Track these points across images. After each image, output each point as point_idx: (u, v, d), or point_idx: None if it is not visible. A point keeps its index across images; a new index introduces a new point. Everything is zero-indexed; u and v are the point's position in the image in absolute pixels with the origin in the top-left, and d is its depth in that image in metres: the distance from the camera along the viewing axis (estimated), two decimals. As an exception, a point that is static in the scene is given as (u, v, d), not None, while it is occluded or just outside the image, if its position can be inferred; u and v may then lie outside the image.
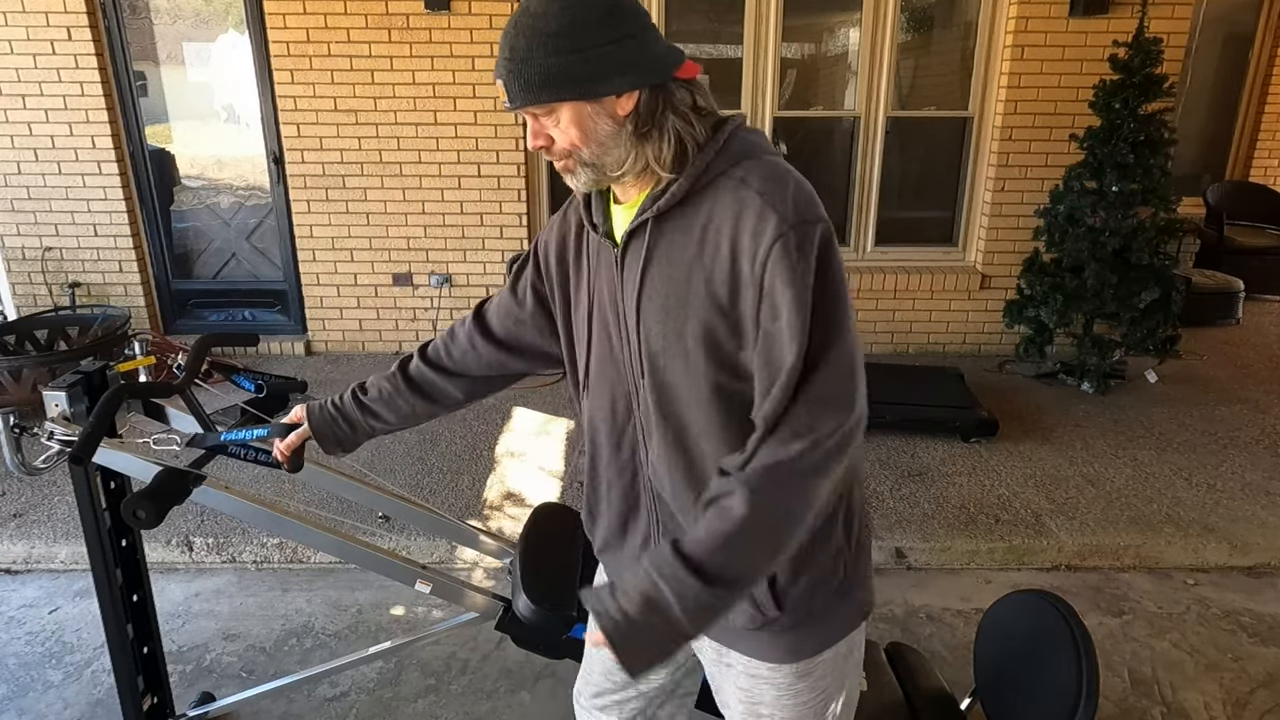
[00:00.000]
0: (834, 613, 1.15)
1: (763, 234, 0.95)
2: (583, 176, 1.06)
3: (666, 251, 1.05)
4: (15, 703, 2.30)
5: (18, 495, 3.21)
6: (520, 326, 1.34)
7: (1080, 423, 3.87)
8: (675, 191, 1.02)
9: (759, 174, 1.00)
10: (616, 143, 1.03)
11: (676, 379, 1.07)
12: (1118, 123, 3.88)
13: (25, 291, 4.71)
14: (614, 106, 1.01)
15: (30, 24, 4.25)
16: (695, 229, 1.02)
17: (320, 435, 1.42)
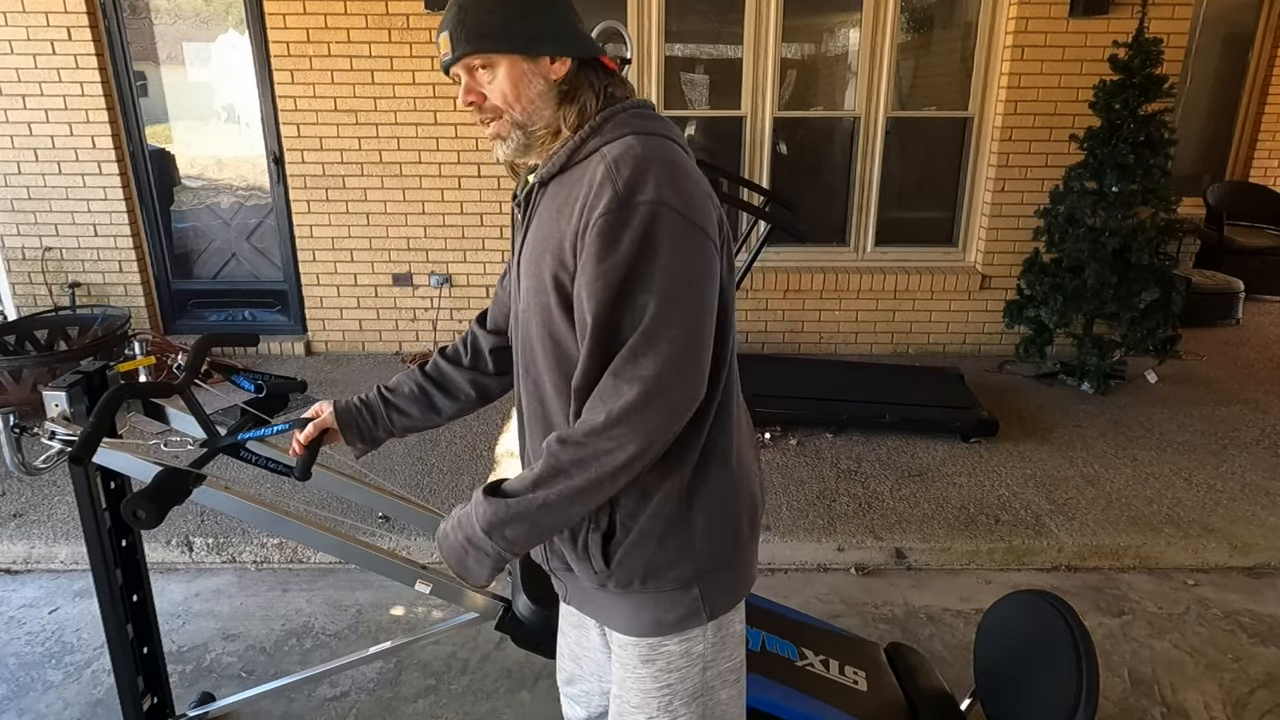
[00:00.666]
0: (669, 593, 1.14)
1: (596, 206, 1.00)
2: (511, 141, 1.12)
3: (543, 214, 1.11)
4: (15, 703, 2.30)
5: (18, 495, 3.21)
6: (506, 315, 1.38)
7: (1080, 423, 3.87)
8: (555, 160, 1.09)
9: (620, 149, 1.03)
10: (545, 104, 1.10)
11: (533, 335, 1.13)
12: (1118, 123, 3.88)
13: (25, 291, 4.71)
14: (547, 69, 1.09)
15: (30, 24, 4.25)
16: (564, 194, 1.08)
17: (343, 425, 1.45)
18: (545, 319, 1.09)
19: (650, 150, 1.03)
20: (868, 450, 3.58)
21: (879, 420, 3.70)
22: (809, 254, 4.79)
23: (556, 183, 1.11)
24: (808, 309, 4.75)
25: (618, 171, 1.00)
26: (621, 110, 1.10)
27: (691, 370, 1.00)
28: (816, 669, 1.79)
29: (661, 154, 1.03)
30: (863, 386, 3.98)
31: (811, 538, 2.94)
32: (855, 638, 2.01)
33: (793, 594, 2.74)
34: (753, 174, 4.66)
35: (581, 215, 1.02)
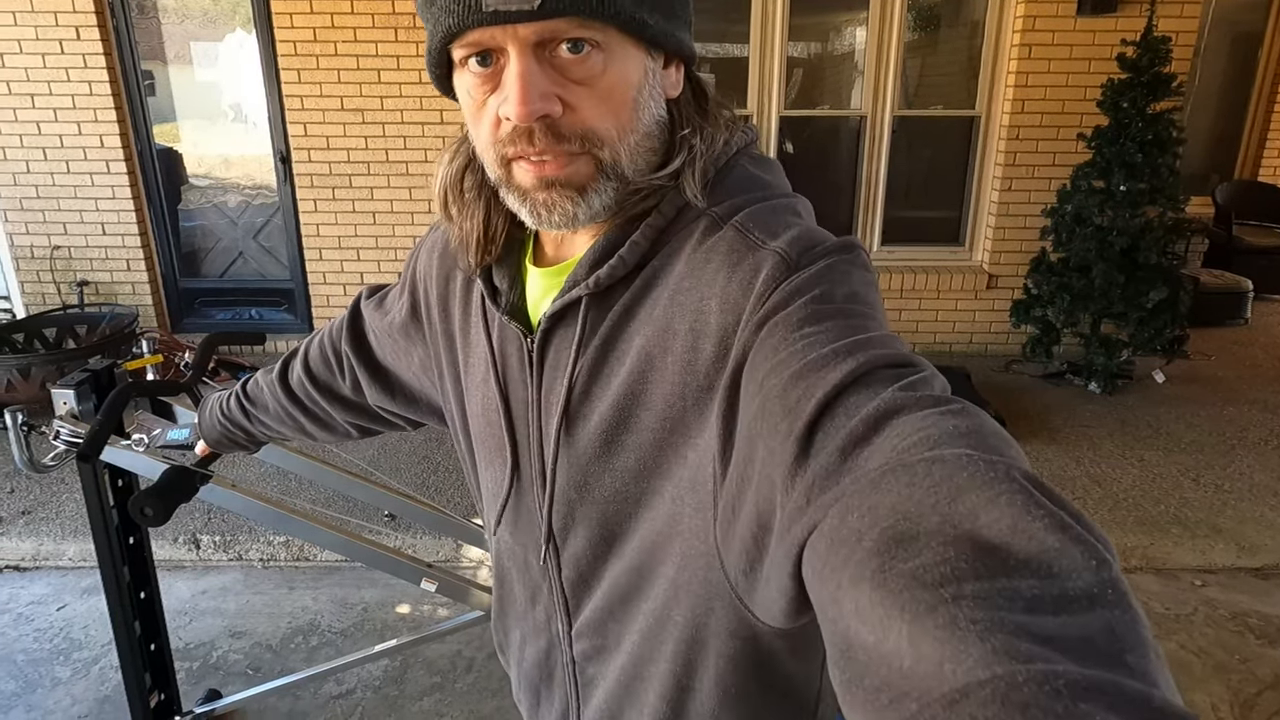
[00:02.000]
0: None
1: (752, 285, 0.59)
2: (595, 197, 0.62)
3: (613, 342, 0.66)
4: (24, 699, 2.31)
5: (26, 492, 3.22)
6: (406, 371, 0.95)
7: (1087, 423, 3.85)
8: (627, 253, 0.64)
9: (744, 212, 0.64)
10: (656, 142, 0.65)
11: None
12: (1126, 122, 3.86)
13: (34, 290, 4.73)
14: (665, 78, 0.65)
15: (39, 23, 4.27)
16: (653, 298, 0.64)
17: (214, 443, 1.23)
18: (675, 512, 0.64)
19: (788, 204, 0.67)
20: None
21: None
22: (815, 253, 4.77)
23: (626, 287, 0.66)
24: (813, 308, 4.73)
25: (755, 233, 0.61)
26: (741, 153, 0.68)
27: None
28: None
29: (804, 209, 0.68)
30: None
31: (817, 537, 2.94)
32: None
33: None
34: (759, 173, 4.64)
35: (722, 323, 0.60)
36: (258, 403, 1.12)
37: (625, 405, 0.65)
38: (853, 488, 0.43)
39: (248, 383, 1.14)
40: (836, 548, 0.41)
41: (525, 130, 0.59)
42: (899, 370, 0.52)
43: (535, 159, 0.60)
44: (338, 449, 3.17)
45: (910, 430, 0.44)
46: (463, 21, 0.56)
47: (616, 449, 0.66)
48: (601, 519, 0.69)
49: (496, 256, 0.73)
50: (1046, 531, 0.36)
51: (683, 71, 0.67)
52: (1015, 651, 0.31)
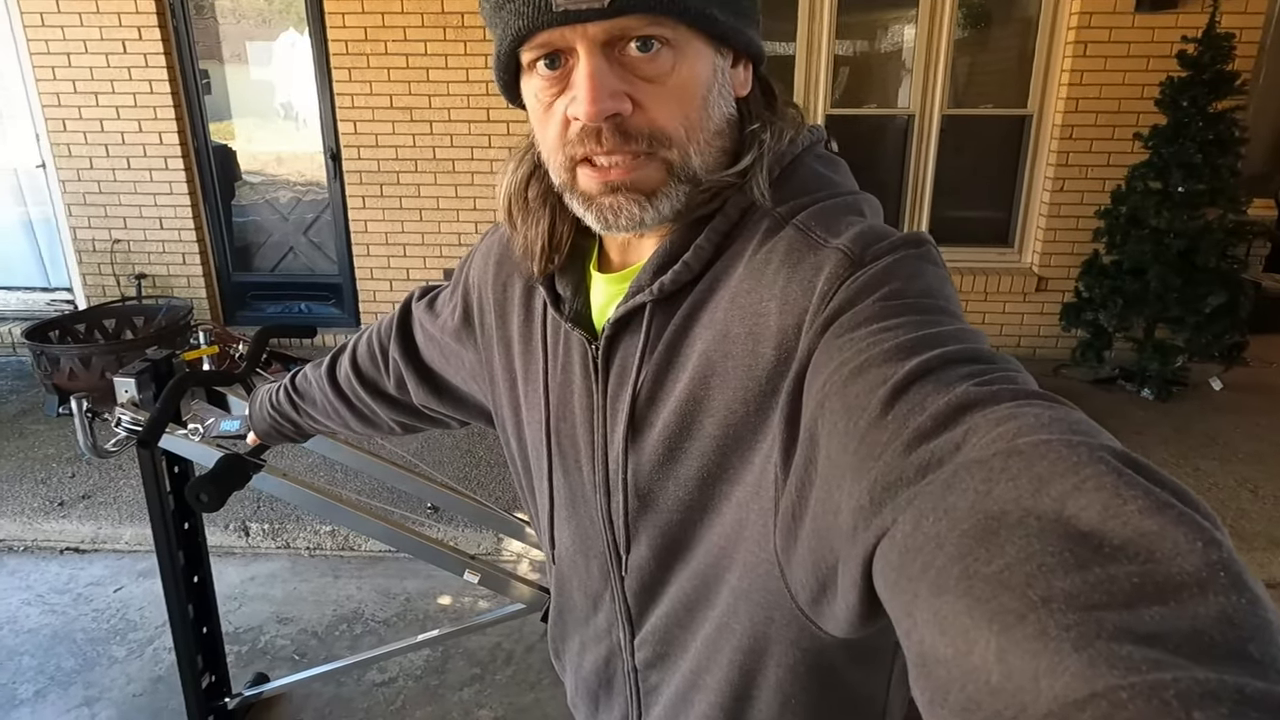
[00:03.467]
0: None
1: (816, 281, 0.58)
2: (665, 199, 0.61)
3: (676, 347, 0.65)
4: (83, 676, 2.40)
5: (86, 477, 3.34)
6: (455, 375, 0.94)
7: (1139, 430, 3.75)
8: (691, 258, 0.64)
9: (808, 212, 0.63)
10: (726, 141, 0.64)
11: (692, 565, 0.69)
12: (1185, 121, 3.75)
13: (95, 282, 4.90)
14: (734, 77, 0.64)
15: (104, 24, 4.41)
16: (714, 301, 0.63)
17: (263, 434, 1.28)
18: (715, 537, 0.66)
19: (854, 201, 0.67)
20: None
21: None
22: (859, 253, 4.72)
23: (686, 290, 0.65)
24: (857, 309, 4.69)
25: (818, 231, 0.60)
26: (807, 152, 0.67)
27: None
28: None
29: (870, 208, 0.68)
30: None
31: (857, 540, 2.91)
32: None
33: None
34: (803, 172, 4.61)
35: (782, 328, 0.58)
36: (306, 396, 1.13)
37: (688, 412, 0.63)
38: (925, 489, 0.39)
39: (296, 376, 1.16)
40: (912, 556, 0.37)
41: (594, 130, 0.58)
42: (975, 366, 0.48)
43: (602, 162, 0.60)
44: (383, 440, 3.23)
45: (985, 425, 0.41)
46: (533, 23, 0.55)
47: (680, 456, 0.65)
48: (666, 527, 0.68)
49: (560, 264, 0.72)
50: (1143, 514, 0.32)
51: (751, 70, 0.66)
52: (1116, 659, 0.27)
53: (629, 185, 0.60)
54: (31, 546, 3.05)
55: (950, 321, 0.53)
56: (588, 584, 0.80)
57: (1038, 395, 0.45)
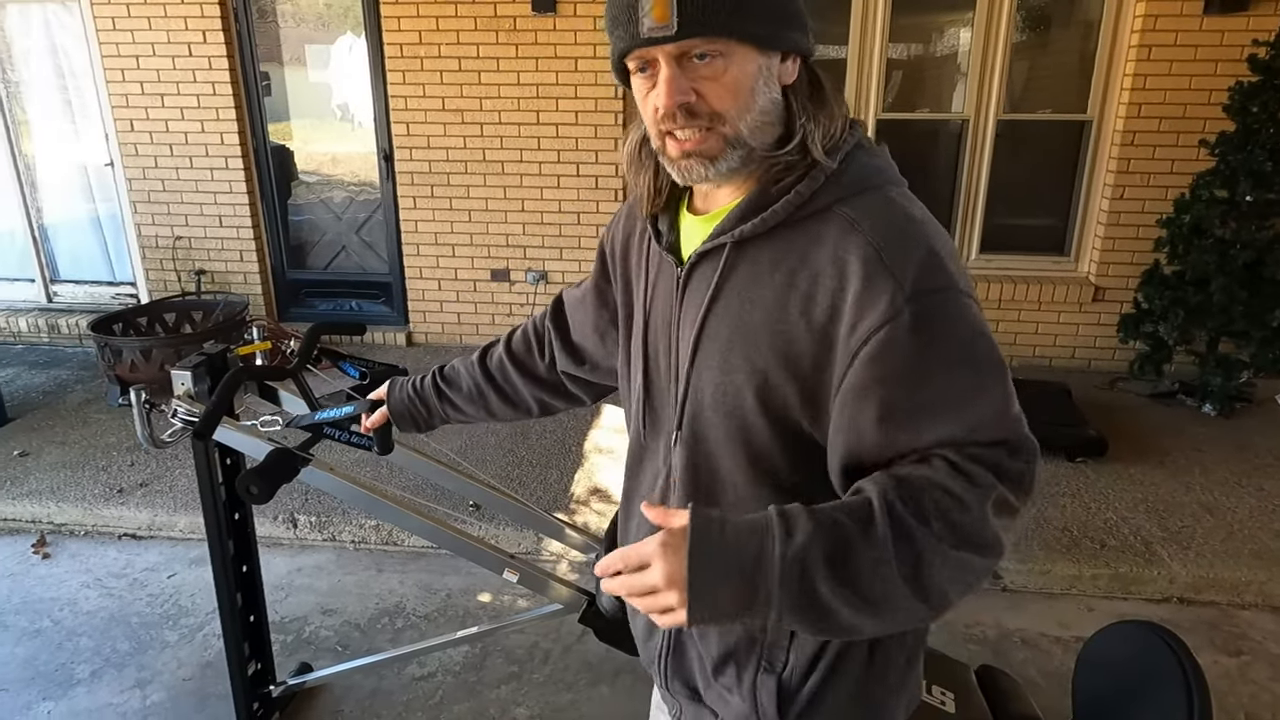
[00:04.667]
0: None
1: (866, 311, 0.76)
2: (724, 162, 0.83)
3: (743, 287, 0.86)
4: (136, 659, 2.47)
5: (144, 466, 3.45)
6: (590, 336, 1.21)
7: (1200, 446, 3.62)
8: (769, 216, 0.83)
9: (876, 218, 0.80)
10: (772, 118, 0.84)
11: (717, 445, 0.90)
12: (1255, 127, 3.62)
13: (157, 277, 5.06)
14: (778, 69, 0.84)
15: (171, 28, 4.56)
16: (783, 268, 0.83)
17: (397, 416, 1.40)
18: (739, 426, 0.87)
19: (913, 213, 0.82)
20: (964, 464, 3.45)
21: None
22: (909, 260, 4.65)
23: (761, 244, 0.85)
24: (905, 316, 4.61)
25: (892, 255, 0.77)
26: (856, 147, 0.85)
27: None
28: (902, 686, 1.74)
29: (926, 218, 0.83)
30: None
31: (901, 551, 2.86)
32: (943, 656, 1.94)
33: (879, 608, 2.67)
34: (853, 177, 4.55)
35: (834, 305, 0.79)
36: (452, 384, 1.35)
37: (741, 337, 0.85)
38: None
39: (444, 367, 1.38)
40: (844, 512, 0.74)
41: (670, 113, 0.82)
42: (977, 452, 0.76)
43: (679, 135, 0.84)
44: (427, 438, 3.27)
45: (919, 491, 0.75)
46: (630, 44, 0.81)
47: (731, 362, 0.86)
48: (715, 420, 0.89)
49: (660, 206, 0.97)
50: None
51: (798, 63, 0.85)
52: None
53: (698, 152, 0.84)
54: (91, 531, 3.16)
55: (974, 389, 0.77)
56: (654, 464, 1.00)
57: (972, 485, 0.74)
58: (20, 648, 2.52)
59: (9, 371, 4.53)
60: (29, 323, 5.07)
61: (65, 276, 5.33)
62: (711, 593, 0.70)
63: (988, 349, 0.77)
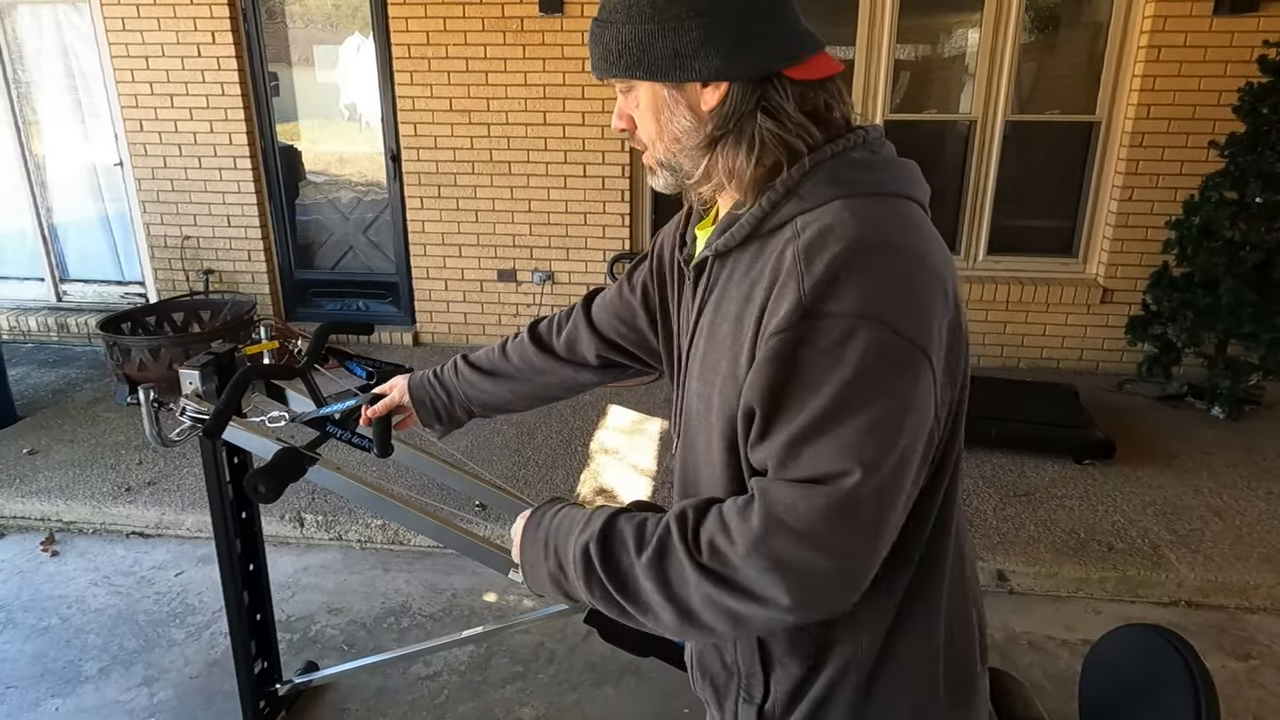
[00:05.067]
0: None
1: (775, 314, 0.76)
2: (660, 177, 0.91)
3: (718, 300, 0.88)
4: (143, 656, 2.49)
5: (152, 465, 3.47)
6: (624, 324, 1.24)
7: (1208, 449, 3.61)
8: (736, 231, 0.84)
9: (817, 227, 0.77)
10: (693, 145, 0.85)
11: (701, 454, 0.91)
12: (1265, 129, 3.60)
13: (165, 276, 5.09)
14: (697, 97, 0.83)
15: (180, 29, 4.59)
16: (746, 281, 0.84)
17: (417, 401, 1.40)
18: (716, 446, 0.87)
19: (862, 229, 0.76)
20: (971, 466, 3.45)
21: (984, 436, 3.55)
22: (916, 261, 4.64)
23: (738, 256, 0.87)
24: (912, 318, 4.60)
25: (807, 265, 0.75)
26: (831, 157, 0.82)
27: (876, 543, 0.73)
28: (907, 688, 1.74)
29: (877, 234, 0.77)
30: (968, 400, 3.83)
31: (907, 553, 2.85)
32: (950, 660, 1.93)
33: (885, 610, 2.67)
34: (860, 178, 4.55)
35: (760, 323, 0.79)
36: (472, 364, 1.38)
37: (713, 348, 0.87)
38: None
39: (467, 355, 1.40)
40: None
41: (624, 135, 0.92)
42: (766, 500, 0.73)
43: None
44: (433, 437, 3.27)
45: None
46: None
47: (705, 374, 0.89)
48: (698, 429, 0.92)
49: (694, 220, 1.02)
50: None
51: (723, 88, 0.83)
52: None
53: (646, 163, 0.93)
54: (100, 529, 3.18)
55: (809, 433, 0.73)
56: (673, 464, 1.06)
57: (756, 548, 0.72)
58: (29, 645, 2.54)
59: (19, 370, 4.56)
60: (39, 321, 5.10)
61: (74, 276, 5.36)
62: (534, 569, 0.92)
63: (861, 400, 0.71)
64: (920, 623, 0.88)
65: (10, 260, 5.37)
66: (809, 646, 0.87)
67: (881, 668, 0.88)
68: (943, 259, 0.81)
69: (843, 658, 0.87)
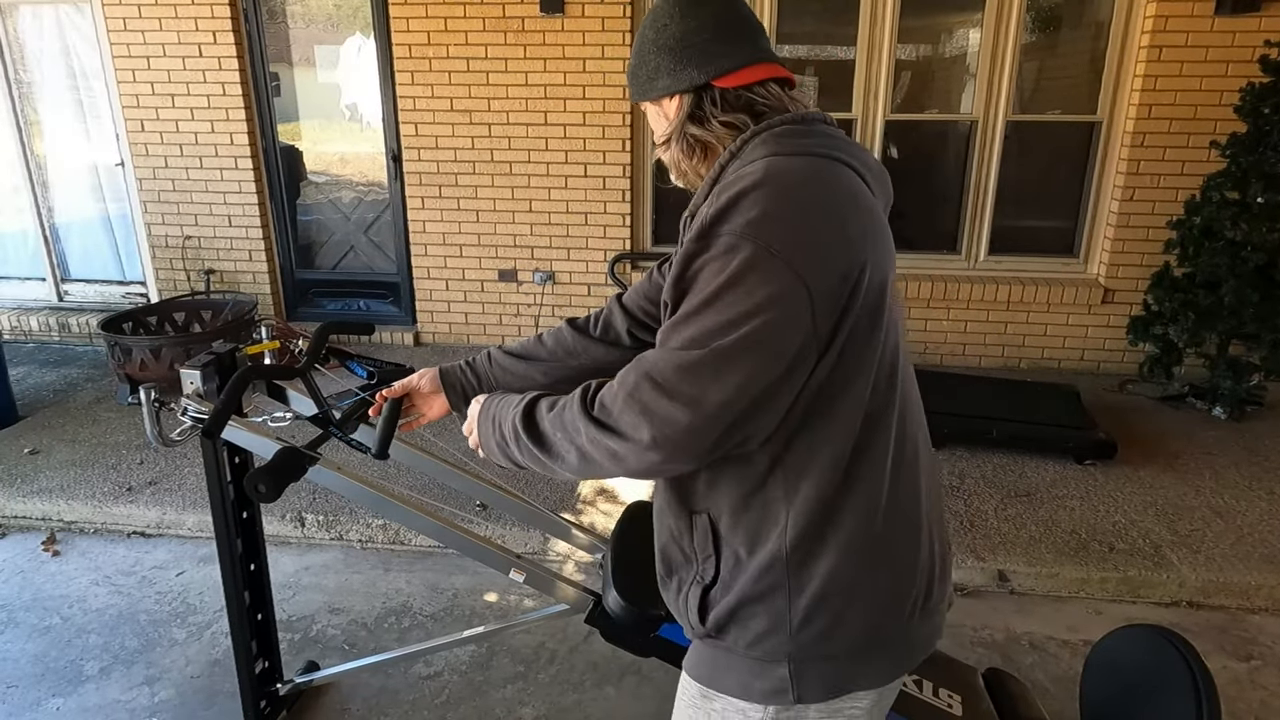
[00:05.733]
0: (757, 660, 1.05)
1: (692, 227, 0.96)
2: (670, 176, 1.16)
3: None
4: (144, 656, 2.49)
5: (154, 464, 3.47)
6: (650, 303, 1.41)
7: (1210, 450, 3.61)
8: (699, 194, 1.05)
9: (742, 171, 0.96)
10: (669, 145, 1.10)
11: None
12: (1266, 129, 3.60)
13: (167, 276, 5.09)
14: (667, 108, 1.09)
15: (181, 29, 4.59)
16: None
17: (447, 385, 1.51)
18: None
19: (770, 173, 0.93)
20: (971, 466, 3.45)
21: (985, 436, 3.55)
22: (917, 261, 4.64)
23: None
24: (913, 317, 4.61)
25: (716, 197, 0.94)
26: (767, 128, 1.01)
27: (721, 400, 0.88)
28: (909, 689, 1.74)
29: (784, 178, 0.93)
30: (969, 400, 3.83)
31: (908, 553, 2.85)
32: (951, 660, 1.93)
33: (886, 610, 2.66)
34: (861, 178, 4.55)
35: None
36: (507, 350, 1.49)
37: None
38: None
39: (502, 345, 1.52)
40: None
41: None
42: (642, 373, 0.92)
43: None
44: (434, 437, 3.28)
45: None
46: None
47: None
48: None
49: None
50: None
51: (677, 99, 1.08)
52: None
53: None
54: (101, 529, 3.18)
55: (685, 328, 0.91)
56: None
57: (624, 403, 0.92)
58: (30, 644, 2.54)
59: (20, 370, 4.56)
60: (40, 321, 5.11)
61: (76, 276, 5.37)
62: (486, 440, 1.14)
63: (727, 300, 0.88)
64: (839, 546, 1.00)
65: (12, 260, 5.38)
66: (745, 535, 1.02)
67: (802, 570, 1.00)
68: (854, 217, 0.94)
69: (775, 543, 1.00)
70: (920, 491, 1.08)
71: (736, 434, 0.90)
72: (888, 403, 1.01)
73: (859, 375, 0.97)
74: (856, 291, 0.92)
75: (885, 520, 1.02)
